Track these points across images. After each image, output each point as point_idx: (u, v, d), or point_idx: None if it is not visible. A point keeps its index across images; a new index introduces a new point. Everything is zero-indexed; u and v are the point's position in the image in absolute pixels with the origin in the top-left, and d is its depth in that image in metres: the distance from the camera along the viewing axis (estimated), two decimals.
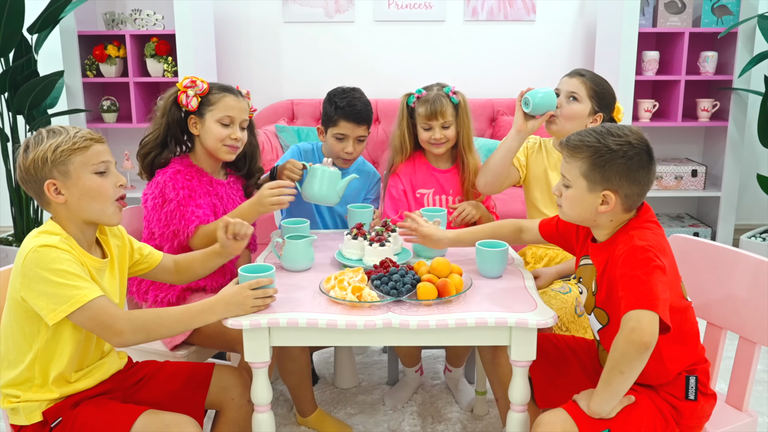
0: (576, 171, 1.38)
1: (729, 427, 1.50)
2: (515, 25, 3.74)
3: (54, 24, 3.14)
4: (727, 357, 1.59)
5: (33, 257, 1.30)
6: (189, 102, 1.83)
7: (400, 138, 2.17)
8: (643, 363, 1.26)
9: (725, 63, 3.51)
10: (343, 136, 2.12)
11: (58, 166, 1.35)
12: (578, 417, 1.32)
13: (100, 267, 1.43)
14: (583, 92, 1.91)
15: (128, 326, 1.35)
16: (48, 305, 1.30)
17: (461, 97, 2.14)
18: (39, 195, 1.39)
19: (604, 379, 1.30)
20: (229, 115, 1.85)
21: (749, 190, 3.80)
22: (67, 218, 1.40)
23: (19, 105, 3.08)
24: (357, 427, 2.13)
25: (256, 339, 1.44)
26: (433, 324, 1.39)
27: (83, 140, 1.37)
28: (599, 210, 1.38)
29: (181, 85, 1.85)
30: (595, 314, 1.45)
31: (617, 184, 1.36)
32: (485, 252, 1.65)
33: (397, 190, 2.17)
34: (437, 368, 2.50)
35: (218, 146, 1.85)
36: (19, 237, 3.26)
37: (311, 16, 3.71)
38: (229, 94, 1.87)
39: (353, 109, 2.10)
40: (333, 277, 1.55)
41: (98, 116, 3.67)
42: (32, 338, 1.36)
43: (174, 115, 1.87)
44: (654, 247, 1.31)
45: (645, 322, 1.24)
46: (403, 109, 2.16)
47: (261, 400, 1.49)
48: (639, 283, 1.26)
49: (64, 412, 1.38)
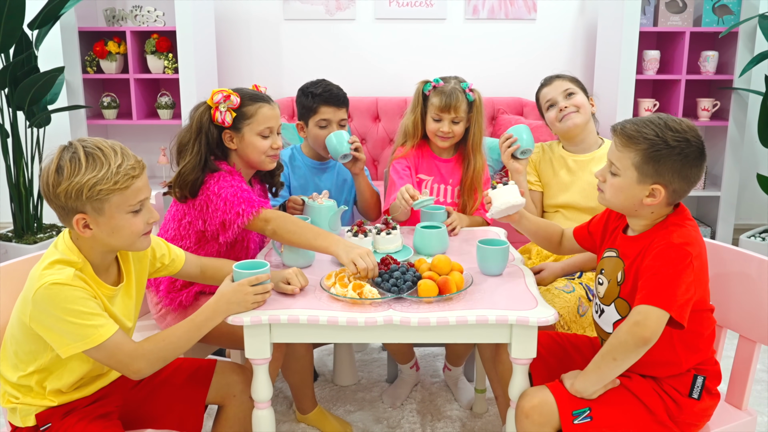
0: (628, 161, 1.36)
1: (728, 425, 1.50)
2: (516, 24, 3.73)
3: (54, 20, 3.13)
4: (727, 356, 1.59)
5: (45, 294, 1.25)
6: (224, 118, 1.75)
7: (414, 124, 2.17)
8: (637, 356, 1.30)
9: (726, 63, 3.51)
10: (327, 122, 2.13)
11: (93, 203, 1.27)
12: (559, 394, 1.36)
13: (113, 294, 1.40)
14: (572, 85, 2.03)
15: (145, 363, 1.34)
16: (61, 340, 1.28)
17: (477, 95, 2.13)
18: (62, 217, 1.31)
19: (596, 362, 1.34)
20: (269, 126, 1.79)
21: (749, 190, 3.80)
22: (90, 246, 1.34)
23: (19, 101, 3.07)
24: (356, 424, 2.14)
25: (257, 335, 1.43)
26: (434, 321, 1.39)
27: (126, 179, 1.28)
28: (644, 202, 1.37)
29: (212, 102, 1.75)
30: (616, 305, 1.44)
31: (668, 180, 1.34)
32: (486, 250, 1.64)
33: (402, 165, 2.16)
34: (436, 366, 2.50)
35: (262, 158, 1.81)
36: (18, 233, 3.26)
37: (312, 14, 3.71)
38: (264, 103, 1.79)
39: (330, 93, 2.12)
40: (334, 273, 1.55)
41: (98, 113, 3.66)
42: (37, 354, 1.35)
43: (212, 134, 1.76)
44: (691, 245, 1.32)
45: (652, 319, 1.26)
46: (419, 96, 2.15)
47: (261, 397, 1.49)
48: (662, 279, 1.28)
49: (54, 418, 1.37)
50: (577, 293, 1.81)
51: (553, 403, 1.35)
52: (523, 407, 1.38)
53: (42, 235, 3.29)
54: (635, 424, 1.37)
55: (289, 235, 1.67)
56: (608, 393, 1.37)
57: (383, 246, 1.78)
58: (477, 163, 2.14)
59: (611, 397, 1.37)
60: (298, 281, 1.53)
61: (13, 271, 1.52)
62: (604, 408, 1.35)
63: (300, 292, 1.52)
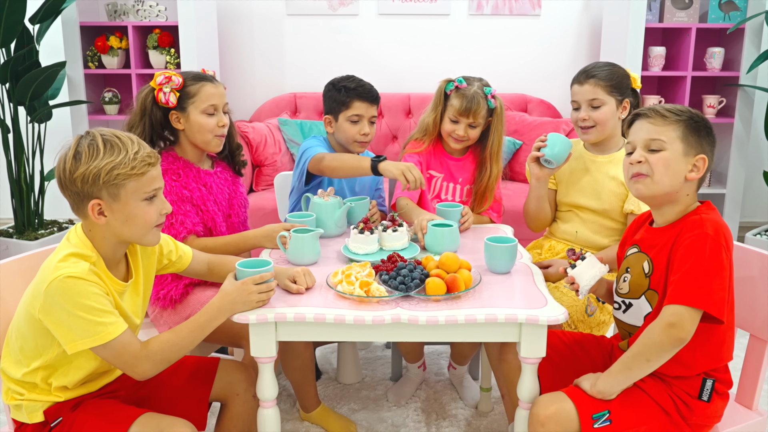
0: (672, 133, 1.36)
1: (739, 426, 1.49)
2: (520, 20, 3.71)
3: (56, 14, 3.11)
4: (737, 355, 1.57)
5: (58, 287, 1.24)
6: (168, 99, 1.78)
7: (434, 123, 2.11)
8: (670, 356, 1.29)
9: (732, 59, 3.48)
10: (359, 117, 2.09)
11: (110, 188, 1.28)
12: (578, 398, 1.34)
13: (123, 290, 1.40)
14: (602, 93, 1.87)
15: (149, 365, 1.33)
16: (69, 335, 1.27)
17: (499, 102, 2.08)
18: (77, 205, 1.32)
19: (625, 363, 1.33)
20: (213, 104, 1.82)
21: (754, 188, 3.78)
22: (103, 237, 1.34)
23: (20, 96, 3.05)
24: (361, 423, 2.12)
25: (263, 334, 1.42)
26: (443, 320, 1.37)
27: (142, 165, 1.30)
28: (688, 177, 1.37)
29: (155, 83, 1.79)
30: (647, 297, 1.42)
31: (707, 152, 1.37)
32: (494, 247, 1.62)
33: (414, 160, 2.12)
34: (441, 364, 2.48)
35: (209, 138, 1.83)
36: (19, 229, 3.24)
37: (315, 9, 3.69)
38: (206, 82, 1.83)
39: (364, 89, 2.09)
40: (340, 271, 1.53)
41: (100, 108, 3.64)
42: (43, 349, 1.34)
43: (155, 116, 1.81)
44: (725, 238, 1.31)
45: (687, 320, 1.26)
46: (441, 96, 2.09)
47: (267, 396, 1.47)
48: (697, 275, 1.27)
49: (64, 412, 1.36)
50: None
51: (570, 410, 1.32)
52: (539, 415, 1.35)
53: (43, 231, 3.27)
54: (652, 424, 1.35)
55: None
56: (625, 395, 1.35)
57: (390, 243, 1.76)
58: (493, 171, 2.11)
59: (628, 399, 1.35)
60: (305, 281, 1.51)
61: (15, 268, 1.51)
62: (622, 410, 1.33)
63: (306, 292, 1.50)
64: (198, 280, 1.83)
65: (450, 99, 2.07)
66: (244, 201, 2.02)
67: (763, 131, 3.29)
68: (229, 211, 1.95)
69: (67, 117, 3.49)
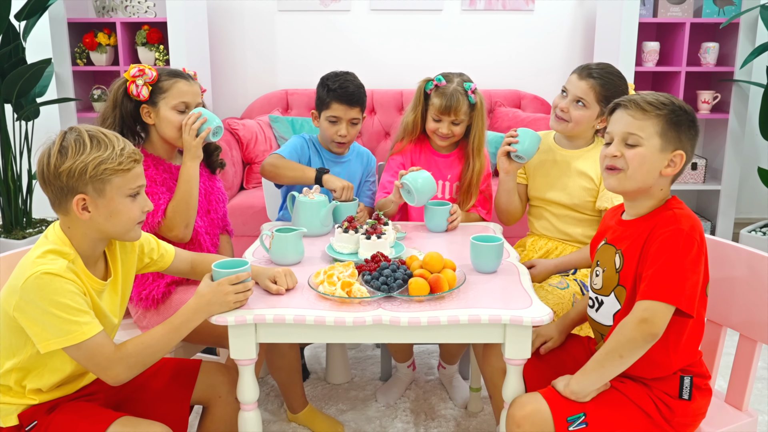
0: (651, 129, 1.33)
1: (729, 427, 1.47)
2: (513, 15, 3.67)
3: (42, 10, 3.07)
4: (727, 353, 1.55)
5: (35, 284, 1.22)
6: (140, 92, 1.77)
7: (413, 123, 2.12)
8: (644, 352, 1.27)
9: (726, 54, 3.45)
10: (336, 119, 2.09)
11: (95, 183, 1.27)
12: (552, 400, 1.32)
13: (101, 289, 1.37)
14: (591, 98, 1.84)
15: (123, 368, 1.31)
16: (42, 333, 1.25)
17: (479, 97, 2.07)
18: (59, 200, 1.30)
19: (598, 360, 1.31)
20: (184, 101, 1.80)
21: (749, 184, 3.75)
22: (83, 234, 1.33)
23: (7, 93, 3.01)
24: (349, 424, 2.09)
25: (242, 336, 1.39)
26: (425, 321, 1.34)
27: (129, 161, 1.30)
28: (663, 173, 1.34)
29: (129, 75, 1.77)
30: (616, 294, 1.40)
31: (686, 147, 1.34)
32: (480, 246, 1.59)
33: (396, 163, 2.14)
34: (431, 364, 2.45)
35: (177, 135, 1.81)
36: (7, 228, 3.20)
37: (306, 5, 3.65)
38: (180, 79, 1.81)
39: (345, 91, 2.06)
40: (322, 271, 1.50)
41: (88, 105, 3.60)
42: (16, 349, 1.32)
43: (126, 107, 1.80)
44: (699, 232, 1.29)
45: (659, 315, 1.25)
46: (420, 95, 2.10)
47: (247, 398, 1.45)
48: (670, 271, 1.25)
49: (39, 415, 1.34)
50: (572, 290, 1.76)
51: (546, 411, 1.30)
52: (514, 416, 1.33)
53: (31, 230, 3.24)
54: (631, 427, 1.33)
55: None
56: (601, 397, 1.33)
57: (368, 252, 1.69)
58: (476, 166, 2.10)
59: (605, 401, 1.33)
60: (285, 281, 1.49)
61: (2, 266, 1.49)
62: (598, 412, 1.31)
63: (286, 293, 1.47)
64: (180, 279, 1.80)
65: (431, 98, 2.07)
66: (222, 196, 2.00)
67: (758, 127, 3.26)
68: (207, 207, 1.92)
69: (55, 115, 3.45)
